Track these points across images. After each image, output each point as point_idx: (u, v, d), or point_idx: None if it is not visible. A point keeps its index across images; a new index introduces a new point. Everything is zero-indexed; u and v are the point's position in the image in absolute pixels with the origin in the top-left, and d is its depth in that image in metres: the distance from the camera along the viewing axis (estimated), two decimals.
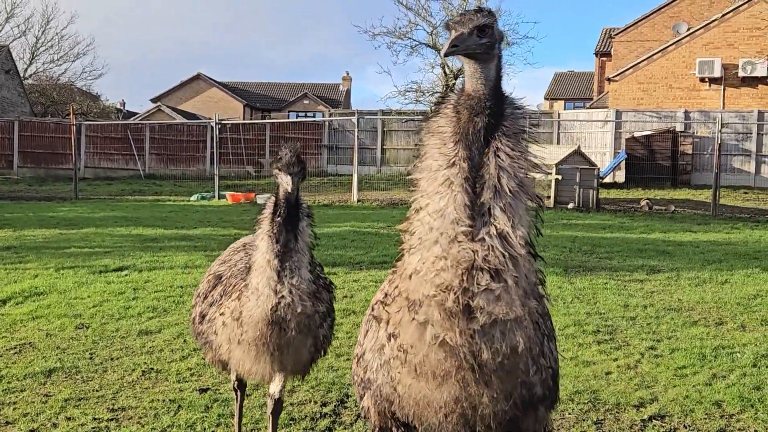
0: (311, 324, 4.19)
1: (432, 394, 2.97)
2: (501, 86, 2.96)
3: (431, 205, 2.85)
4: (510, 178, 2.81)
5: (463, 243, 2.77)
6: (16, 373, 6.28)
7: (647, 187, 29.10)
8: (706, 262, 12.54)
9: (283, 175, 4.16)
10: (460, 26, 2.84)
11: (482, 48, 2.86)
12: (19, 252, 12.47)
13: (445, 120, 2.92)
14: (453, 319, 2.79)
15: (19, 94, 45.07)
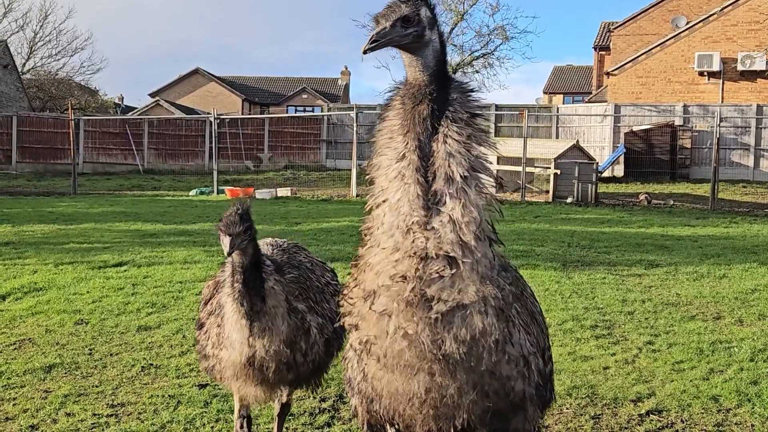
0: (293, 365, 4.06)
1: (403, 386, 2.99)
2: (445, 70, 2.92)
3: (387, 200, 2.86)
4: (459, 164, 2.79)
5: (416, 233, 2.78)
6: (15, 369, 6.30)
7: (646, 182, 29.11)
8: (704, 257, 12.56)
9: (222, 236, 3.82)
10: (383, 19, 2.81)
11: (409, 38, 2.83)
12: (18, 247, 12.48)
13: (394, 113, 2.91)
14: (411, 309, 2.81)
15: (18, 88, 44.99)
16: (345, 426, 5.14)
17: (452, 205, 2.77)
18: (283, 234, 14.49)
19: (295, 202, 22.87)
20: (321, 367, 4.31)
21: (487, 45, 31.05)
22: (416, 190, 2.79)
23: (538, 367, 3.19)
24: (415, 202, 2.78)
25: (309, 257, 4.63)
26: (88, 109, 50.71)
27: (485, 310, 2.82)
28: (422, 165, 2.80)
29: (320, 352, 4.18)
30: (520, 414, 3.14)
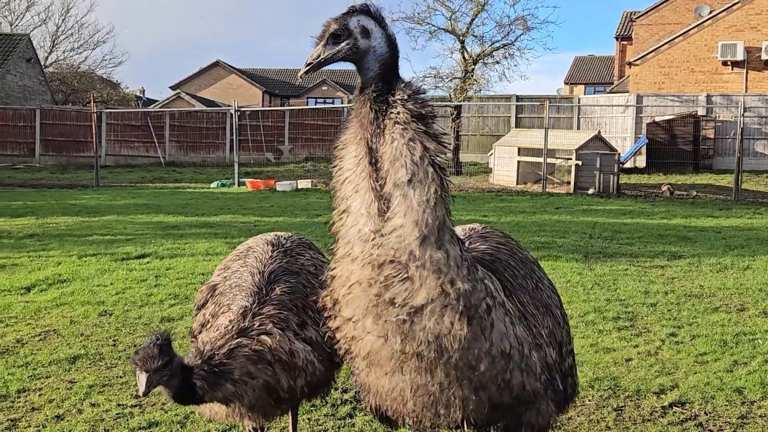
0: (277, 401, 3.90)
1: (387, 383, 3.05)
2: (392, 72, 2.94)
3: (347, 210, 2.93)
4: (402, 167, 2.81)
5: (371, 242, 2.83)
6: (41, 360, 6.37)
7: (668, 172, 28.87)
8: (727, 248, 12.46)
9: (137, 372, 3.44)
10: (319, 39, 2.91)
11: (343, 53, 2.91)
12: (42, 239, 12.61)
13: (349, 123, 2.99)
14: (375, 312, 2.86)
15: (40, 82, 45.35)
16: (367, 417, 5.15)
17: (398, 209, 2.80)
18: (303, 226, 14.55)
19: (316, 194, 22.91)
20: (320, 383, 4.07)
21: (507, 35, 30.79)
22: (370, 197, 2.85)
23: (546, 360, 3.18)
24: (370, 209, 2.84)
25: (315, 258, 4.33)
26: (110, 102, 51.02)
27: (442, 309, 2.82)
28: (374, 170, 2.85)
29: (314, 372, 3.92)
30: (531, 408, 3.15)
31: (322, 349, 3.89)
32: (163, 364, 3.40)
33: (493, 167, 27.90)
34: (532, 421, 3.18)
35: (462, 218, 16.14)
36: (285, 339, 3.78)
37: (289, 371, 3.78)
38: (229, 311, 3.87)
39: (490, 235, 3.60)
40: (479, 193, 23.33)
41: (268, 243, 4.28)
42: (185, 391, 3.54)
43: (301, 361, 3.81)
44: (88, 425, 5.02)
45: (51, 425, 5.02)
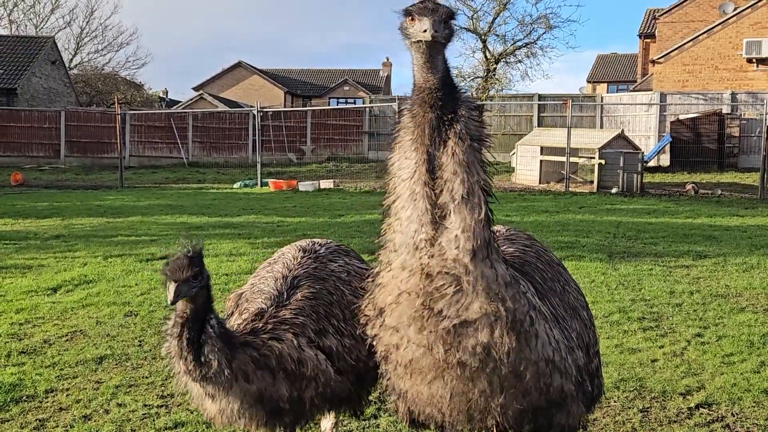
0: (280, 411, 3.69)
1: (425, 390, 3.06)
2: (452, 77, 2.98)
3: (398, 213, 2.91)
4: (463, 182, 2.82)
5: (423, 250, 2.83)
6: (68, 360, 6.43)
7: (693, 171, 28.65)
8: (753, 247, 12.34)
9: (167, 282, 3.33)
10: (430, 17, 2.84)
11: (447, 38, 2.90)
12: (68, 240, 12.73)
13: (404, 126, 2.96)
14: (421, 323, 2.88)
15: (65, 84, 45.78)
16: (391, 418, 5.16)
17: (455, 222, 2.81)
18: (325, 226, 14.58)
19: (338, 194, 22.95)
20: (339, 395, 3.83)
21: (530, 34, 30.79)
22: (424, 205, 2.84)
23: (578, 362, 3.18)
24: (423, 217, 2.83)
25: (349, 264, 4.16)
26: (134, 104, 51.49)
27: (492, 324, 2.85)
28: (431, 178, 2.84)
29: (328, 383, 3.72)
30: (563, 410, 3.16)
31: (343, 359, 3.76)
32: (192, 275, 3.31)
33: (515, 167, 27.81)
34: (562, 422, 3.18)
35: None
36: (295, 346, 3.63)
37: (294, 382, 3.61)
38: (246, 312, 3.81)
39: (515, 237, 3.61)
40: (502, 193, 23.26)
41: (300, 249, 4.17)
42: (198, 320, 3.38)
43: (310, 370, 3.64)
44: (114, 425, 5.07)
45: (78, 425, 5.07)
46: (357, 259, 4.31)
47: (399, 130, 2.96)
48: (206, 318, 3.42)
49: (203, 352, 3.38)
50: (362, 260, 4.36)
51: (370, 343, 3.20)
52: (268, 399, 3.56)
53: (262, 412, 3.59)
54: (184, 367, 3.38)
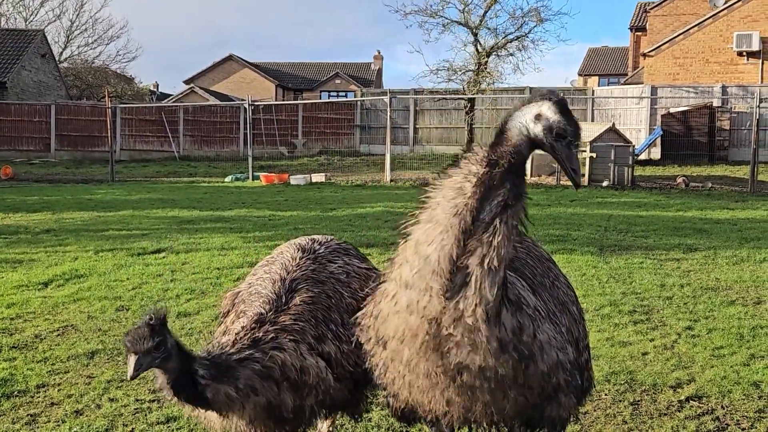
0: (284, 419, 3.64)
1: (426, 399, 3.10)
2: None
3: (419, 247, 2.87)
4: (497, 255, 2.81)
5: (435, 299, 2.82)
6: (59, 355, 6.42)
7: (683, 164, 28.74)
8: (744, 240, 12.40)
9: (127, 354, 3.20)
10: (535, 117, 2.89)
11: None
12: (59, 235, 12.69)
13: (470, 166, 2.90)
14: (423, 355, 2.90)
15: (55, 77, 45.58)
16: (383, 412, 5.16)
17: (478, 292, 2.81)
18: (317, 220, 14.58)
19: (330, 188, 22.94)
20: (337, 402, 3.80)
21: (521, 27, 30.76)
22: (452, 251, 2.81)
23: (568, 357, 3.21)
24: (445, 262, 2.81)
25: (348, 266, 4.07)
26: (125, 97, 51.24)
27: (504, 364, 2.91)
28: (469, 229, 2.82)
29: (328, 391, 3.68)
30: (554, 403, 3.18)
31: (341, 366, 3.71)
32: (155, 345, 3.13)
33: None
34: (553, 414, 3.21)
35: None
36: (297, 355, 3.56)
37: (297, 390, 3.57)
38: (244, 316, 3.71)
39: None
40: None
41: (299, 248, 4.07)
42: (184, 379, 3.28)
43: (312, 378, 3.59)
44: (106, 420, 5.06)
45: (70, 420, 5.06)
46: (357, 258, 4.23)
47: (461, 167, 2.91)
48: (191, 370, 3.30)
49: (208, 396, 3.33)
50: (363, 259, 4.27)
51: (366, 356, 3.24)
52: (275, 409, 3.51)
53: (270, 423, 3.55)
54: (200, 410, 3.43)
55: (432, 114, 37.31)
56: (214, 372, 3.34)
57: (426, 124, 37.38)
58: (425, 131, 37.30)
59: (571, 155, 2.84)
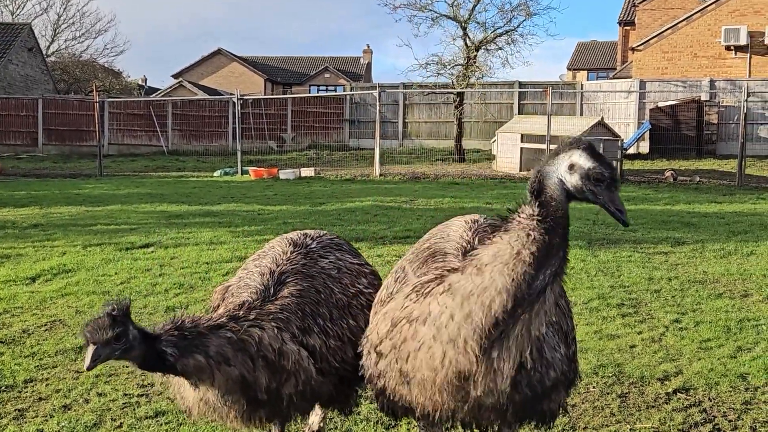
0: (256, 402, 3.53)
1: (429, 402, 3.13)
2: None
3: (466, 299, 2.85)
4: (542, 324, 2.88)
5: (470, 354, 2.84)
6: (47, 350, 6.40)
7: (672, 158, 28.85)
8: (731, 234, 12.46)
9: (85, 345, 3.17)
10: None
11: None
12: (47, 229, 12.63)
13: (526, 232, 2.89)
14: (441, 392, 2.98)
15: (42, 71, 45.32)
16: (372, 405, 5.17)
17: (520, 354, 2.89)
18: (306, 214, 14.56)
19: (319, 182, 22.92)
20: (321, 395, 3.70)
21: (510, 21, 30.71)
22: (500, 315, 2.81)
23: (562, 355, 3.25)
24: (490, 324, 2.82)
25: (340, 261, 3.98)
26: (113, 91, 51.06)
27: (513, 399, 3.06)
28: (524, 297, 2.82)
29: (309, 382, 3.56)
30: (548, 397, 3.20)
31: (326, 361, 3.63)
32: (114, 336, 3.07)
33: (496, 154, 27.87)
34: (544, 408, 3.23)
35: (465, 206, 16.15)
36: (276, 337, 3.48)
37: (274, 373, 3.46)
38: (231, 305, 3.65)
39: (497, 225, 3.62)
40: (482, 180, 23.33)
41: (291, 243, 4.01)
42: (153, 361, 3.24)
43: (290, 364, 3.49)
44: (95, 415, 5.05)
45: (58, 415, 5.05)
46: (350, 253, 4.15)
47: (514, 229, 2.90)
48: (158, 351, 3.25)
49: (178, 369, 3.28)
50: (356, 254, 4.19)
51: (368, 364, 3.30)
52: (249, 386, 3.40)
53: (242, 401, 3.44)
54: (174, 384, 3.42)
55: (421, 108, 37.30)
56: (181, 345, 3.27)
57: (415, 119, 37.38)
58: (414, 125, 37.30)
59: (614, 197, 2.89)
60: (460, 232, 3.55)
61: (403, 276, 3.40)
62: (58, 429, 4.82)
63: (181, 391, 3.53)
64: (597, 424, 4.98)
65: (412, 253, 3.63)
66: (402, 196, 17.95)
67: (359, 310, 3.76)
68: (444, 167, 28.18)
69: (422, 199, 17.49)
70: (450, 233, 3.60)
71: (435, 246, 3.52)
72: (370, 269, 4.13)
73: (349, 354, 3.63)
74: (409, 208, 15.69)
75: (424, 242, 3.71)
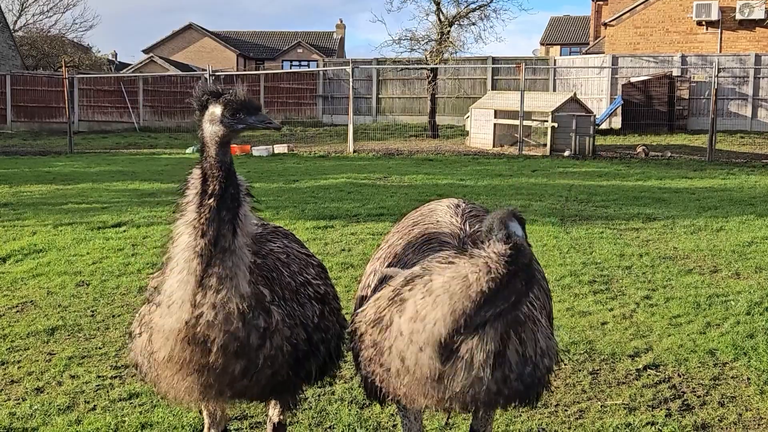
0: (245, 348, 3.13)
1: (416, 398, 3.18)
2: None
3: (410, 316, 2.97)
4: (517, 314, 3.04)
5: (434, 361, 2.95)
6: (19, 332, 6.35)
7: (643, 133, 29.04)
8: (701, 209, 12.60)
9: (213, 104, 3.15)
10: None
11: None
12: (17, 209, 12.48)
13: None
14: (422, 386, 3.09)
15: (10, 47, 44.51)
16: (347, 385, 5.20)
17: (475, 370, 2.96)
18: (280, 192, 14.50)
19: (293, 159, 22.82)
20: (279, 374, 3.32)
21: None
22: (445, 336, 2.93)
23: (552, 341, 3.31)
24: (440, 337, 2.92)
25: (288, 248, 3.74)
26: (82, 67, 50.25)
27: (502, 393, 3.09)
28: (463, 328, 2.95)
29: (283, 351, 3.27)
30: (541, 383, 3.26)
31: (292, 332, 3.32)
32: (243, 107, 3.22)
33: (469, 130, 27.90)
34: (537, 392, 3.28)
35: (439, 183, 16.18)
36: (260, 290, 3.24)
37: (266, 316, 3.19)
38: None
39: (478, 213, 3.68)
40: (456, 156, 23.35)
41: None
42: (234, 179, 3.15)
43: (273, 321, 3.22)
44: (68, 397, 5.03)
45: (31, 398, 5.02)
46: (296, 242, 3.96)
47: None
48: (236, 177, 3.24)
49: (240, 212, 3.12)
50: (302, 245, 4.02)
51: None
52: (246, 313, 3.09)
53: (236, 335, 3.09)
54: (206, 238, 3.01)
55: (395, 84, 37.18)
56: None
57: (389, 94, 37.26)
58: (388, 101, 37.19)
59: None
60: (448, 218, 3.63)
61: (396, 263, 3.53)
62: (31, 412, 4.79)
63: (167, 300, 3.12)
64: (569, 401, 5.05)
65: (401, 238, 3.71)
66: (376, 173, 17.92)
67: (308, 300, 3.52)
68: (418, 143, 28.16)
69: (396, 176, 17.49)
70: (438, 218, 3.67)
71: (427, 232, 3.58)
72: (318, 262, 3.91)
73: (299, 338, 3.35)
74: (383, 185, 15.69)
75: (412, 227, 3.75)
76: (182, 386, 3.21)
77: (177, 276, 3.04)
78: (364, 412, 4.84)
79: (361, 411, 4.86)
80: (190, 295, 3.01)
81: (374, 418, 4.75)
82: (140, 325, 3.28)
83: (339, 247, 9.49)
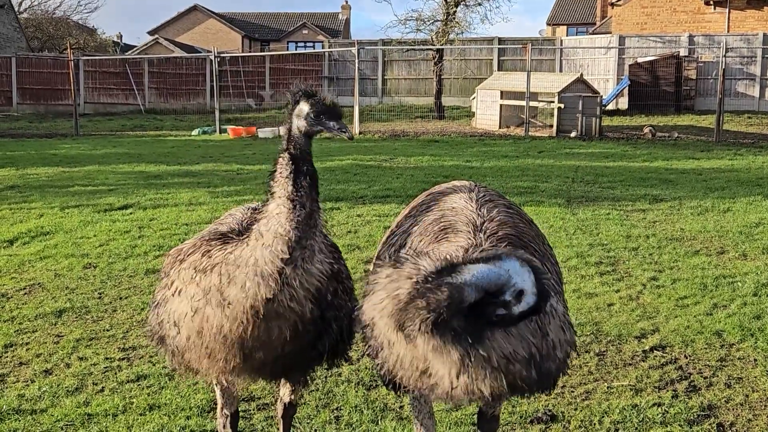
0: (316, 327, 3.31)
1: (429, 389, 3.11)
2: None
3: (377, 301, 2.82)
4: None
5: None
6: (27, 314, 6.38)
7: (650, 114, 28.91)
8: (708, 190, 12.56)
9: (302, 102, 3.32)
10: None
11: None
12: (23, 191, 12.51)
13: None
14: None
15: (15, 29, 44.48)
16: (353, 367, 5.22)
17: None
18: None
19: None
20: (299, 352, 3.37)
21: None
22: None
23: (571, 332, 3.28)
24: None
25: None
26: (87, 49, 50.21)
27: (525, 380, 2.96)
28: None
29: (344, 326, 3.50)
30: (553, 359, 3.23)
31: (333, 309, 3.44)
32: (326, 108, 3.32)
33: (475, 111, 27.80)
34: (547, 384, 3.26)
35: (445, 164, 16.15)
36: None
37: (337, 286, 3.47)
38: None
39: (491, 198, 3.54)
40: (462, 138, 23.29)
41: (249, 209, 3.76)
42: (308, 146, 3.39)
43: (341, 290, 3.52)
44: (76, 379, 5.06)
45: (39, 380, 5.05)
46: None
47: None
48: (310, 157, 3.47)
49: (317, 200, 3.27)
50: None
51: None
52: (321, 291, 3.23)
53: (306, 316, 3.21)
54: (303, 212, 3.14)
55: (400, 65, 37.06)
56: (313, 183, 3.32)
57: (394, 75, 37.15)
58: (394, 82, 37.08)
59: None
60: (463, 203, 3.47)
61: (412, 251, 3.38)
62: (40, 394, 4.82)
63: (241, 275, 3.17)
64: (575, 382, 5.05)
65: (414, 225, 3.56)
66: (381, 155, 17.89)
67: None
68: (423, 124, 28.09)
69: (402, 157, 17.46)
70: (454, 205, 3.50)
71: (444, 221, 3.40)
72: (330, 241, 3.77)
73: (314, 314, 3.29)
74: (389, 167, 15.66)
75: (428, 213, 3.59)
76: (221, 356, 3.25)
77: (268, 243, 3.10)
78: (371, 394, 4.86)
79: (368, 392, 4.88)
80: (276, 265, 3.07)
81: (381, 400, 4.77)
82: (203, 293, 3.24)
83: (345, 229, 9.49)
